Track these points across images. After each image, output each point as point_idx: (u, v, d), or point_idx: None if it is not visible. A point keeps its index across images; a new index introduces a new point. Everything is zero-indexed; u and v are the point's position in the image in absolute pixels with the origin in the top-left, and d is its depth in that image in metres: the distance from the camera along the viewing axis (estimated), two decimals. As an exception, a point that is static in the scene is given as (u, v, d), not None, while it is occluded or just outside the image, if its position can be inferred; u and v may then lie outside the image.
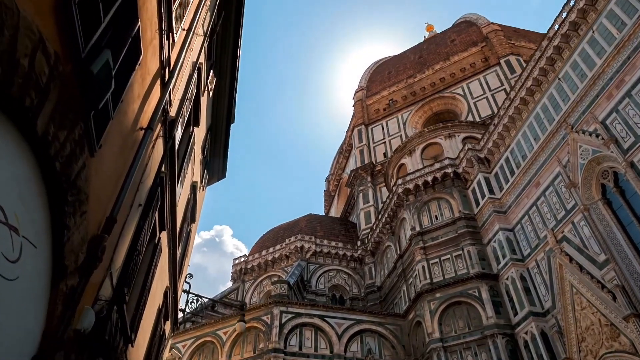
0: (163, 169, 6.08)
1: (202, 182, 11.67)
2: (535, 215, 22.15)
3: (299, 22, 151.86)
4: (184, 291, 11.33)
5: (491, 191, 25.65)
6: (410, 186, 29.35)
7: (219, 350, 25.41)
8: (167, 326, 9.35)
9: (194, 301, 11.24)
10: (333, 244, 36.36)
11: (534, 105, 23.59)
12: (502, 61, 40.68)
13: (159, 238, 6.69)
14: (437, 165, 29.18)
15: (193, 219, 10.98)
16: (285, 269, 34.91)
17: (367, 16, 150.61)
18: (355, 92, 52.07)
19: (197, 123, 8.75)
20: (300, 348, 24.24)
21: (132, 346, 5.94)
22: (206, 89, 9.53)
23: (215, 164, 13.78)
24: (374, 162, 42.19)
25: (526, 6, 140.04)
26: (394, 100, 47.02)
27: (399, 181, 30.21)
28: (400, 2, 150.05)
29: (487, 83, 40.77)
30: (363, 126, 46.61)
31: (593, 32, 19.76)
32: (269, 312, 25.08)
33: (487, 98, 39.58)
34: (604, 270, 17.49)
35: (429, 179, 28.84)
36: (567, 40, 21.36)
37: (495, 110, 35.81)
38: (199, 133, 9.36)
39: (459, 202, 27.06)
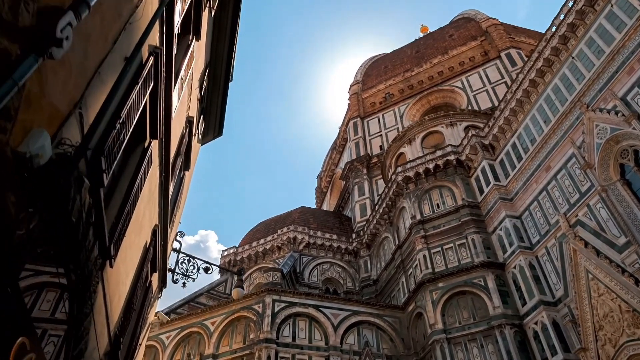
0: (157, 43, 4.67)
1: (197, 128, 10.25)
2: (546, 200, 21.03)
3: (289, 25, 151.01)
4: (174, 250, 9.84)
5: (496, 178, 24.55)
6: (411, 174, 28.13)
7: (206, 342, 23.77)
8: (155, 279, 7.87)
9: (185, 262, 9.78)
10: (327, 235, 34.92)
11: (544, 87, 22.58)
12: (502, 54, 39.89)
13: (150, 143, 5.27)
14: (438, 153, 28.02)
15: (187, 166, 9.54)
16: (277, 260, 33.37)
17: (360, 17, 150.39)
18: (351, 86, 50.94)
19: (197, 35, 7.36)
20: (293, 339, 22.72)
21: (111, 267, 4.50)
22: (208, 4, 8.15)
23: (212, 119, 12.36)
24: (370, 154, 40.97)
25: (519, 7, 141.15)
26: (391, 93, 45.95)
27: (399, 169, 28.98)
28: (392, 4, 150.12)
29: (487, 76, 39.92)
30: (359, 119, 45.42)
31: (612, 5, 18.80)
32: (261, 301, 23.54)
33: (487, 91, 38.71)
34: (624, 254, 16.37)
35: (431, 166, 27.65)
36: (582, 17, 20.40)
37: (496, 103, 34.91)
38: (199, 50, 7.95)
39: (462, 190, 25.89)
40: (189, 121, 8.60)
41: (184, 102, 7.74)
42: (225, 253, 36.53)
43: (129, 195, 4.63)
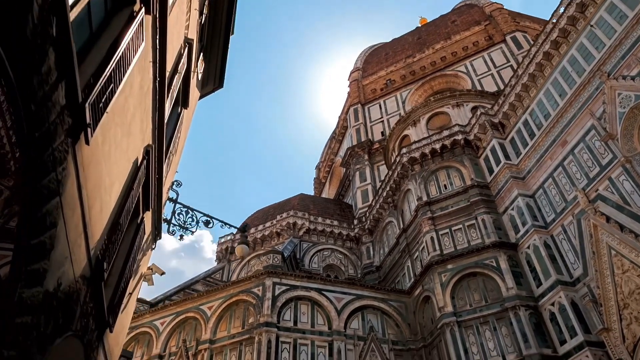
0: None
1: (196, 65, 9.07)
2: (562, 177, 19.99)
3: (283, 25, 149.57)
4: (170, 200, 8.66)
5: (507, 157, 23.49)
6: (417, 154, 27.02)
7: (203, 327, 22.59)
8: (148, 220, 6.69)
9: (183, 213, 8.61)
10: (328, 221, 33.74)
11: (559, 60, 21.52)
12: (508, 38, 38.85)
13: (141, 9, 4.11)
14: (445, 132, 26.93)
15: (185, 103, 8.36)
16: (277, 247, 32.13)
17: (359, 5, 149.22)
18: (351, 73, 49.77)
19: None
20: (295, 323, 21.56)
21: (87, 143, 3.34)
22: None
23: (212, 67, 11.18)
24: (372, 140, 39.82)
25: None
26: (392, 80, 44.83)
27: (404, 150, 27.87)
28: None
29: (491, 60, 38.88)
30: (359, 105, 44.26)
31: (635, -33, 17.74)
32: (261, 284, 22.37)
33: (492, 75, 37.66)
34: (651, 227, 15.35)
35: (437, 146, 26.55)
36: (602, -17, 19.34)
37: (502, 87, 33.87)
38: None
39: (471, 170, 24.81)
40: (188, 43, 7.43)
41: (182, 9, 6.57)
42: (222, 240, 35.27)
43: (112, 54, 3.47)
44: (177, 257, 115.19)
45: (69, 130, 3.01)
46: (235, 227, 9.20)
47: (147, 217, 6.65)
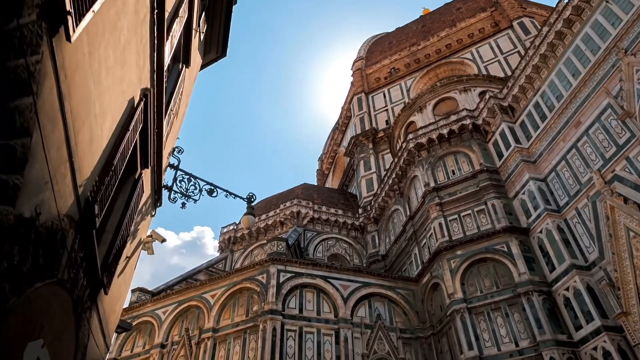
0: None
1: (198, 24, 8.46)
2: (575, 158, 19.36)
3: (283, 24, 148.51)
4: (172, 166, 8.07)
5: (517, 141, 22.85)
6: (423, 140, 26.39)
7: (206, 315, 22.08)
8: (147, 179, 6.10)
9: (185, 181, 8.02)
10: (332, 210, 33.13)
11: (572, 39, 20.83)
12: (514, 23, 38.07)
13: None
14: (453, 117, 26.29)
15: (187, 61, 7.75)
16: (280, 236, 31.55)
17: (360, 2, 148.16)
18: (354, 62, 49.01)
19: None
20: (300, 311, 21.03)
21: (69, 40, 2.74)
22: None
23: (214, 32, 10.57)
24: (376, 129, 39.16)
25: None
26: (396, 68, 44.11)
27: (410, 136, 27.23)
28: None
29: (498, 46, 38.13)
30: (363, 94, 43.57)
31: (654, -62, 17.05)
32: (265, 271, 21.83)
33: (499, 61, 36.93)
34: (672, 206, 14.73)
35: (445, 131, 25.91)
36: (618, -43, 18.63)
37: (509, 74, 33.17)
38: None
39: (480, 155, 24.18)
40: (190, -9, 6.83)
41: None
42: (225, 230, 34.72)
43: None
44: (179, 254, 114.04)
45: (42, 8, 2.42)
46: (241, 197, 8.63)
47: (146, 176, 6.06)
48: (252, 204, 8.80)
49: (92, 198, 3.83)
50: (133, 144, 4.86)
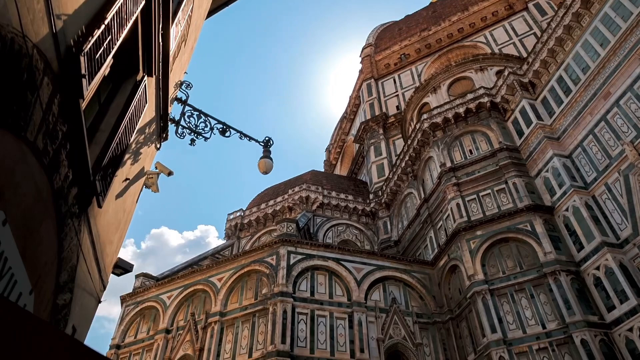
0: None
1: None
2: (604, 132, 18.24)
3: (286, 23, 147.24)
4: (179, 100, 7.08)
5: (539, 118, 21.74)
6: (439, 120, 25.30)
7: (212, 299, 21.16)
8: (151, 87, 5.11)
9: (194, 116, 7.05)
10: (342, 196, 32.09)
11: (599, 7, 19.69)
12: (530, 5, 36.84)
13: None
14: (470, 96, 25.17)
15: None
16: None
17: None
18: (363, 49, 47.86)
19: None
20: (312, 294, 20.05)
21: None
22: None
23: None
24: (387, 114, 38.06)
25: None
26: (407, 54, 42.97)
27: (424, 116, 26.14)
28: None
29: (513, 29, 36.94)
30: (372, 80, 42.46)
31: None
32: (274, 253, 20.86)
33: (514, 43, 35.73)
34: None
35: (461, 110, 24.81)
36: None
37: (525, 56, 31.98)
38: None
39: (499, 134, 23.09)
40: None
41: None
42: (232, 216, 33.74)
43: None
44: (183, 252, 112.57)
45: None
46: (257, 141, 7.64)
47: (150, 88, 5.08)
48: (270, 145, 7.79)
49: (76, 48, 2.85)
50: (133, 21, 3.86)
